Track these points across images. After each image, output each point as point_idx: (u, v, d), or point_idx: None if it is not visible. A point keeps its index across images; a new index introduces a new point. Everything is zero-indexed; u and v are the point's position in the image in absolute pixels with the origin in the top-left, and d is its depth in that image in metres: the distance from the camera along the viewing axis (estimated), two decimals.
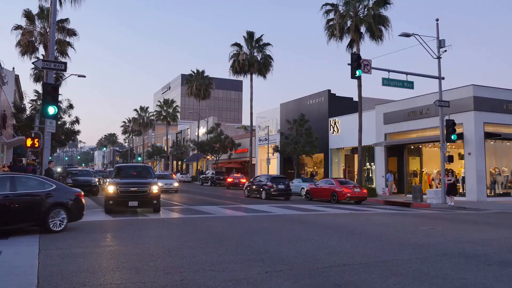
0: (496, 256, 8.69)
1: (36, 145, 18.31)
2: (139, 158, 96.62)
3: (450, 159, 23.94)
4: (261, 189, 27.63)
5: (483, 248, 9.69)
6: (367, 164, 36.07)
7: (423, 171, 31.38)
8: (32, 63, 23.37)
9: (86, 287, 5.97)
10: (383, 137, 33.08)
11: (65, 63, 16.15)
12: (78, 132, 42.75)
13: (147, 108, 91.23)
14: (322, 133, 39.32)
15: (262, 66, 47.15)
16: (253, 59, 46.99)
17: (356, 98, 34.02)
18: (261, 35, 47.81)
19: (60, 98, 35.20)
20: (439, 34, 23.81)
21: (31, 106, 38.94)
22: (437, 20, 23.89)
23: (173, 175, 48.78)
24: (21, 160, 28.95)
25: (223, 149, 53.93)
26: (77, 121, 40.66)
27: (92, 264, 7.35)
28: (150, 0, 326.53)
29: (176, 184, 30.86)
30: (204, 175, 50.82)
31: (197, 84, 62.16)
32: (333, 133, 39.71)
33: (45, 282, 6.16)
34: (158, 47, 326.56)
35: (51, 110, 14.73)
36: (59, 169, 47.93)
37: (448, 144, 24.48)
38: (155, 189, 15.92)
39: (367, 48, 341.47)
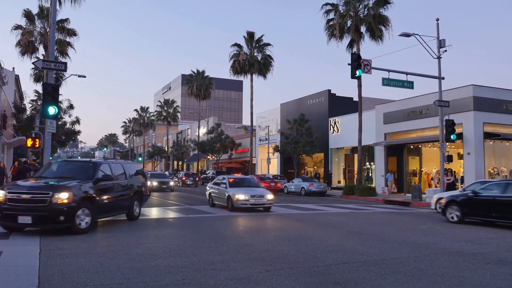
0: (494, 255, 8.75)
1: (37, 146, 18.34)
2: (140, 159, 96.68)
3: (450, 158, 23.99)
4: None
5: (481, 247, 9.76)
6: (367, 163, 36.12)
7: (422, 171, 31.43)
8: (32, 63, 23.38)
9: (87, 287, 6.03)
10: (383, 137, 33.12)
11: (65, 63, 16.12)
12: (78, 132, 42.73)
13: (147, 108, 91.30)
14: (322, 133, 39.37)
15: (262, 66, 47.19)
16: (253, 59, 47.02)
17: (356, 98, 34.08)
18: (261, 35, 47.92)
19: (60, 98, 35.22)
20: (439, 34, 23.85)
21: (31, 106, 38.93)
22: (437, 20, 23.92)
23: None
24: (26, 161, 29.06)
25: (224, 149, 53.99)
26: (77, 121, 40.66)
27: (93, 264, 7.39)
28: (150, 1, 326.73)
29: (270, 197, 17.93)
30: (205, 175, 50.88)
31: (198, 84, 62.21)
32: (333, 133, 39.76)
33: (46, 282, 6.19)
34: (158, 47, 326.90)
35: (52, 110, 14.75)
36: None
37: (447, 144, 24.51)
38: (64, 197, 10.19)
39: (367, 48, 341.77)
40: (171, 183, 33.23)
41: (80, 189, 10.84)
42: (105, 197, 11.84)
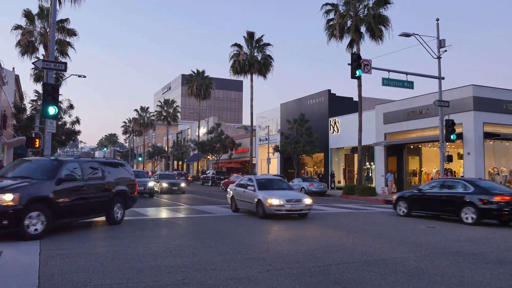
0: (493, 255, 8.76)
1: (37, 146, 18.35)
2: (140, 158, 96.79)
3: (449, 158, 24.00)
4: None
5: (480, 246, 9.76)
6: (367, 163, 36.13)
7: (422, 171, 31.44)
8: (32, 63, 23.40)
9: (87, 287, 6.03)
10: (383, 136, 33.13)
11: (65, 63, 16.13)
12: (78, 132, 42.81)
13: (147, 108, 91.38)
14: (322, 132, 39.38)
15: (262, 66, 47.21)
16: (253, 59, 47.04)
17: (356, 98, 34.09)
18: (261, 35, 47.95)
19: (60, 98, 35.27)
20: (439, 34, 23.86)
21: (31, 106, 38.95)
22: (437, 20, 23.93)
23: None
24: None
25: (224, 149, 54.01)
26: (77, 121, 40.73)
27: (93, 264, 7.39)
28: (150, 1, 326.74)
29: (308, 201, 15.28)
30: (205, 175, 50.87)
31: (198, 84, 62.24)
32: (333, 133, 39.77)
33: (46, 282, 6.20)
34: (158, 47, 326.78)
35: (52, 110, 14.76)
36: None
37: (447, 143, 24.53)
38: (8, 198, 9.23)
39: (367, 48, 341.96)
40: (182, 184, 30.82)
41: (32, 190, 9.83)
42: (69, 198, 10.73)
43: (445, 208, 15.30)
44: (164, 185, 29.93)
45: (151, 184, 26.28)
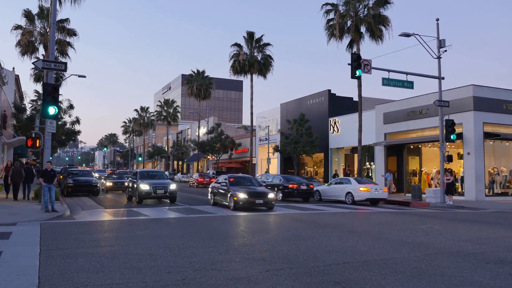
0: (494, 255, 8.75)
1: (37, 146, 18.36)
2: (140, 159, 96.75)
3: (449, 158, 23.99)
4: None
5: (481, 246, 9.75)
6: (367, 163, 36.12)
7: (422, 171, 31.42)
8: (32, 63, 23.32)
9: (87, 287, 6.03)
10: (383, 136, 33.12)
11: (65, 63, 16.14)
12: (78, 132, 42.72)
13: (147, 108, 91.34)
14: (322, 132, 39.39)
15: (262, 66, 47.18)
16: (253, 59, 47.01)
17: (356, 98, 34.10)
18: (261, 35, 47.90)
19: (60, 98, 35.20)
20: (439, 34, 23.85)
21: (32, 106, 38.88)
22: (437, 20, 23.92)
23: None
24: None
25: (224, 149, 53.99)
26: (77, 121, 40.66)
27: (93, 264, 7.39)
28: (151, 1, 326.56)
29: None
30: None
31: (198, 84, 62.21)
32: (333, 132, 39.77)
33: (46, 282, 6.20)
34: (158, 47, 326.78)
35: (52, 110, 14.77)
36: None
37: (447, 143, 24.52)
38: None
39: (367, 48, 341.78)
40: (271, 195, 18.72)
41: None
42: None
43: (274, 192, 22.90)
44: (242, 196, 18.15)
45: (173, 186, 21.63)
